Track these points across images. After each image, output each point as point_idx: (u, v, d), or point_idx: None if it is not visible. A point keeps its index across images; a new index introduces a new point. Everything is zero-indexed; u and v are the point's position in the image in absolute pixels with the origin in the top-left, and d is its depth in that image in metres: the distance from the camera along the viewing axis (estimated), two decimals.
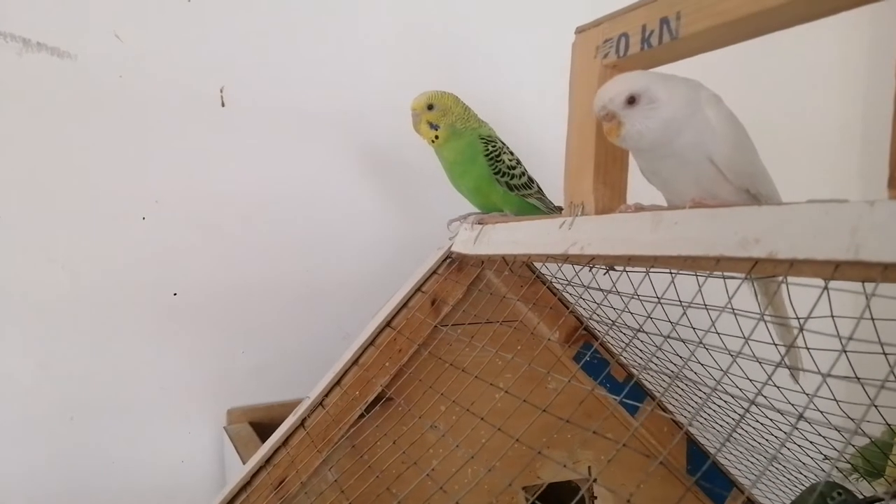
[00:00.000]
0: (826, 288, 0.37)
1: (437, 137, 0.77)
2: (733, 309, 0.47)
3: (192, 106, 0.93)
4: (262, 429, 0.93)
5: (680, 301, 0.51)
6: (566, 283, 0.73)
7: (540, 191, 0.80)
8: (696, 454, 0.93)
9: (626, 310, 0.54)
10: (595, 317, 0.79)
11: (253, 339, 0.98)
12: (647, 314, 0.51)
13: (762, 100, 1.14)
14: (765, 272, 0.41)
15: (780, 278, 0.45)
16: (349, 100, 1.00)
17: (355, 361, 0.71)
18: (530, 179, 0.79)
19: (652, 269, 0.49)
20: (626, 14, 0.56)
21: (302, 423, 0.69)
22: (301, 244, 1.01)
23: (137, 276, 0.91)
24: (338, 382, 0.70)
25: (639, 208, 0.54)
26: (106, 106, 0.89)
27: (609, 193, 0.59)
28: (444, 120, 0.77)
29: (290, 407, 0.99)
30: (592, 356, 0.84)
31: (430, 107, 0.77)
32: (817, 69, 1.30)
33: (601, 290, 0.58)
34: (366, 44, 1.01)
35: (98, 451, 0.91)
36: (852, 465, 0.79)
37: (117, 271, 0.91)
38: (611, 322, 0.61)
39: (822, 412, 0.52)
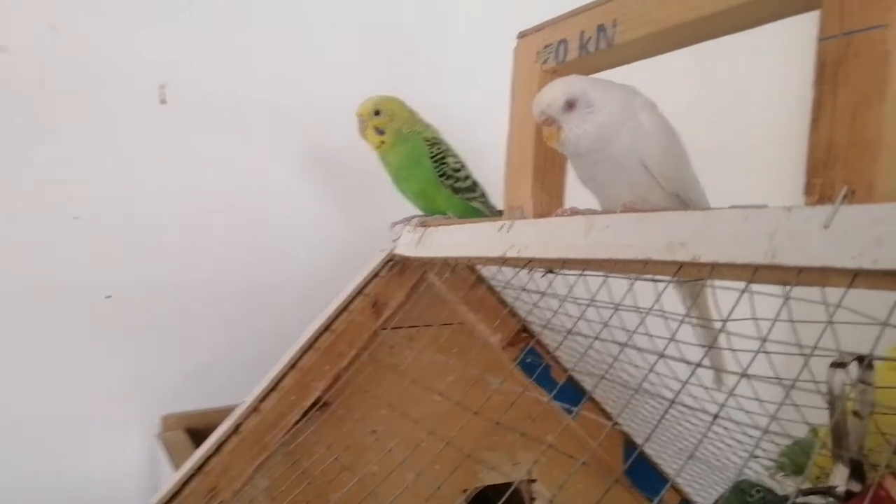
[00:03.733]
0: (745, 290, 0.39)
1: (383, 143, 0.77)
2: (663, 311, 0.48)
3: (130, 102, 0.91)
4: (199, 435, 0.90)
5: (612, 302, 0.52)
6: (504, 285, 0.73)
7: (484, 194, 0.80)
8: (633, 453, 0.95)
9: (563, 312, 0.55)
10: (533, 318, 0.80)
11: (190, 342, 0.96)
12: (578, 316, 0.52)
13: (696, 107, 1.18)
14: (689, 275, 0.42)
15: (704, 281, 0.46)
16: (294, 100, 0.98)
17: (293, 365, 0.70)
18: (474, 183, 0.79)
19: (585, 272, 0.50)
20: (566, 20, 0.57)
21: (236, 428, 0.67)
22: (241, 244, 0.98)
23: (67, 278, 0.88)
24: (275, 387, 0.69)
25: (574, 212, 0.54)
26: (37, 101, 0.85)
27: (547, 198, 0.60)
28: (391, 125, 0.76)
29: (225, 412, 0.97)
30: (533, 359, 0.85)
31: (377, 112, 0.76)
32: (750, 77, 1.34)
33: (539, 292, 0.59)
34: (314, 44, 1.00)
35: (22, 462, 0.87)
36: (778, 463, 0.81)
37: (45, 273, 0.87)
38: (545, 323, 0.62)
39: (746, 411, 0.54)
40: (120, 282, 0.91)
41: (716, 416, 0.36)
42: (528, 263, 0.56)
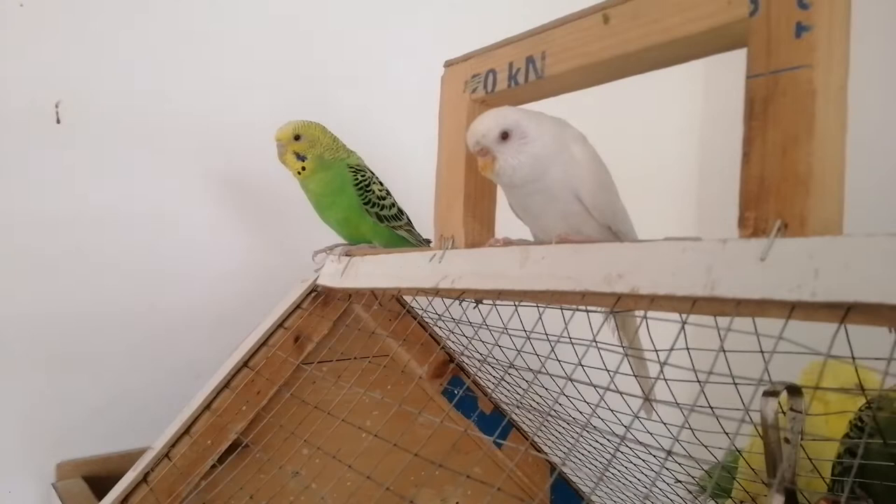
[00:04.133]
0: (684, 323, 0.39)
1: (304, 169, 0.74)
2: (596, 343, 0.47)
3: (23, 121, 0.83)
4: (99, 483, 0.82)
5: (547, 336, 0.51)
6: (437, 317, 0.71)
7: (409, 223, 0.79)
8: (561, 487, 0.95)
9: (497, 344, 0.54)
10: (465, 351, 0.79)
11: (87, 381, 0.88)
12: (517, 349, 0.51)
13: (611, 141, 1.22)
14: (627, 307, 0.42)
15: (640, 313, 0.47)
16: (204, 122, 0.93)
17: (207, 406, 0.65)
18: (400, 211, 0.78)
19: (521, 304, 0.49)
20: (494, 51, 0.57)
21: (144, 477, 0.62)
22: (145, 272, 0.91)
23: None
24: (186, 431, 0.64)
25: (507, 242, 0.54)
26: None
27: (478, 227, 0.59)
28: (312, 151, 0.73)
29: (130, 457, 0.88)
30: (461, 390, 0.83)
31: (297, 137, 0.73)
32: (662, 114, 1.41)
33: (472, 324, 0.58)
34: (227, 63, 0.96)
35: None
36: (701, 486, 0.83)
37: None
38: (484, 356, 0.60)
39: (677, 439, 0.54)
40: (9, 314, 0.82)
41: (622, 440, 0.36)
42: (462, 294, 0.55)
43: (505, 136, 0.52)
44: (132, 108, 0.89)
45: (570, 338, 0.48)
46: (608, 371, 0.43)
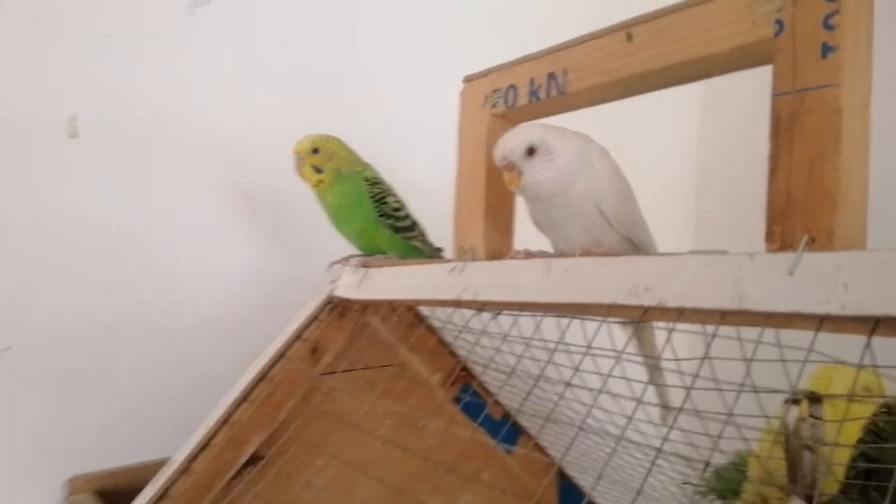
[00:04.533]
0: (714, 335, 0.39)
1: (321, 182, 0.74)
2: (589, 348, 0.48)
3: (38, 136, 0.83)
4: (110, 498, 0.82)
5: (545, 343, 0.52)
6: (444, 324, 0.72)
7: (423, 233, 0.79)
8: (568, 490, 0.96)
9: (500, 350, 0.55)
10: (474, 358, 0.79)
11: (100, 393, 0.88)
12: (520, 356, 0.51)
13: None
14: (654, 319, 0.43)
15: (658, 324, 0.48)
16: (222, 133, 0.94)
17: (226, 420, 0.65)
18: (414, 222, 0.78)
19: (546, 315, 0.50)
20: (514, 67, 0.58)
21: (165, 492, 0.62)
22: (159, 285, 0.92)
23: None
24: (206, 444, 0.64)
25: (528, 254, 0.54)
26: None
27: (498, 238, 0.60)
28: (330, 164, 0.74)
29: (142, 470, 0.89)
30: (471, 397, 0.84)
31: (315, 150, 0.74)
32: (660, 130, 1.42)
33: (479, 332, 0.58)
34: (247, 76, 0.96)
35: None
36: (708, 487, 0.84)
37: None
38: (486, 363, 0.61)
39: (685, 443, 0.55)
40: (21, 326, 0.82)
41: (619, 440, 0.36)
42: (483, 306, 0.56)
43: (531, 151, 0.53)
44: (147, 121, 0.89)
45: (587, 348, 0.49)
46: (626, 380, 0.44)
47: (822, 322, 0.35)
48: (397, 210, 0.77)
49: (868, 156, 0.38)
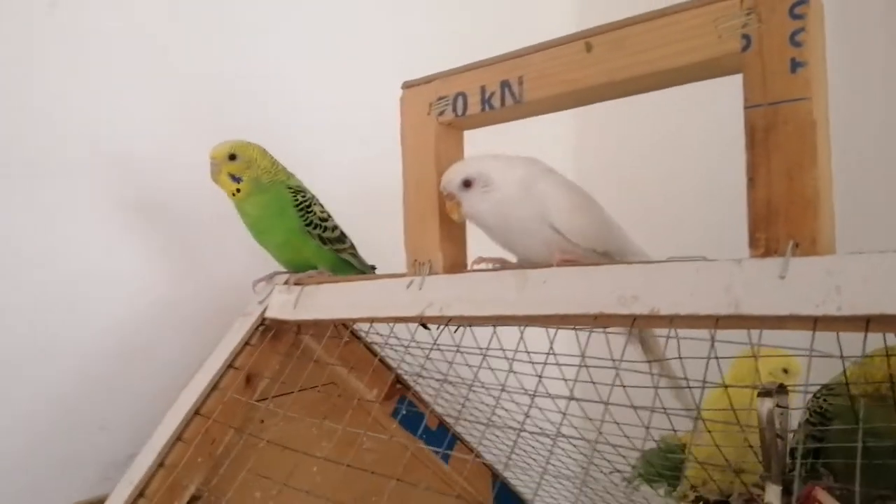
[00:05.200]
0: (713, 341, 0.41)
1: (238, 191, 0.69)
2: (526, 351, 0.50)
3: None
4: None
5: (480, 348, 0.53)
6: (386, 338, 0.70)
7: (353, 247, 0.76)
8: (503, 491, 0.97)
9: (430, 358, 0.55)
10: (406, 369, 0.78)
11: None
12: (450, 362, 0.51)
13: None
14: (645, 327, 0.44)
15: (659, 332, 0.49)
16: (112, 146, 0.83)
17: (161, 463, 0.59)
18: (343, 234, 0.75)
19: (528, 326, 0.49)
20: (460, 74, 0.56)
21: None
22: (39, 313, 0.80)
23: None
24: (141, 493, 0.57)
25: (499, 263, 0.54)
26: None
27: (455, 250, 0.58)
28: (248, 173, 0.69)
29: None
30: (408, 408, 0.82)
31: (233, 157, 0.68)
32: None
33: (432, 345, 0.57)
34: (141, 81, 0.86)
35: None
36: (636, 471, 0.88)
37: None
38: (418, 372, 0.61)
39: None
40: None
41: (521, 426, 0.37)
42: (450, 321, 0.54)
43: (467, 184, 0.55)
44: (19, 131, 0.78)
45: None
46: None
47: (817, 322, 0.37)
48: (324, 220, 0.73)
49: (831, 164, 0.41)
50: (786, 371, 0.71)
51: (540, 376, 0.49)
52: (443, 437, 0.86)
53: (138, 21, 0.86)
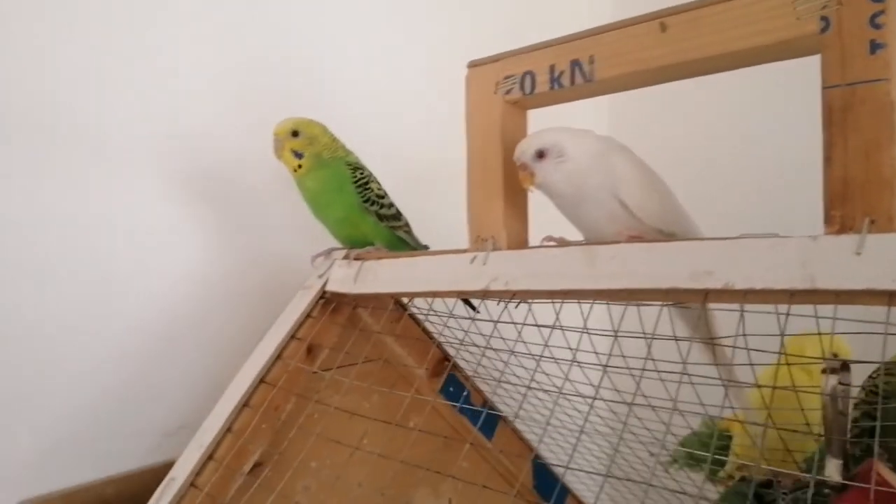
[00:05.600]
0: (787, 314, 0.42)
1: (300, 167, 0.71)
2: (562, 327, 0.51)
3: None
4: None
5: (513, 322, 0.55)
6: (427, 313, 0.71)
7: (408, 224, 0.78)
8: (540, 468, 0.98)
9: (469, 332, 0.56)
10: (453, 344, 0.79)
11: (38, 410, 0.78)
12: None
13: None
14: (718, 301, 0.45)
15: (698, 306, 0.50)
16: (162, 117, 0.85)
17: (229, 428, 0.61)
18: (399, 212, 0.76)
19: (595, 302, 0.51)
20: (528, 53, 0.57)
21: None
22: (97, 288, 0.83)
23: None
24: (211, 456, 0.59)
25: (562, 242, 0.55)
26: None
27: (518, 227, 0.60)
28: (310, 149, 0.71)
29: (93, 490, 0.81)
30: (455, 386, 0.84)
31: (295, 133, 0.71)
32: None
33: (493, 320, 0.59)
34: (196, 57, 0.88)
35: None
36: (674, 455, 0.89)
37: None
38: (459, 343, 0.62)
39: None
40: None
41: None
42: (513, 296, 0.55)
43: (541, 154, 0.57)
44: (77, 106, 0.80)
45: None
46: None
47: (892, 297, 0.38)
48: (381, 197, 0.74)
49: None
50: (835, 356, 0.72)
51: (605, 354, 0.50)
52: (487, 417, 0.88)
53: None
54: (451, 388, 0.84)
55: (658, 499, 0.89)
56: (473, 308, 0.73)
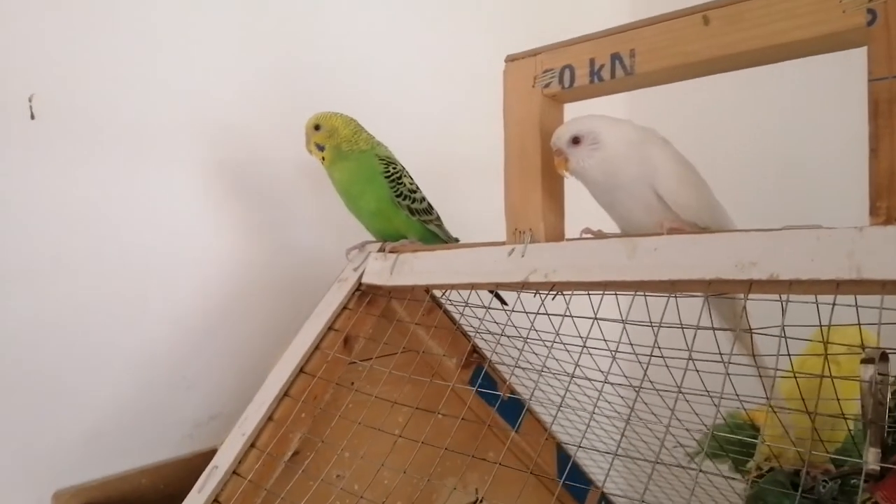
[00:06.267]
0: (833, 304, 0.42)
1: (323, 159, 0.75)
2: (571, 317, 0.51)
3: None
4: None
5: (544, 312, 0.56)
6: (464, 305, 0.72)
7: (439, 218, 0.79)
8: (565, 460, 0.99)
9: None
10: (485, 335, 0.80)
11: (77, 399, 0.80)
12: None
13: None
14: (762, 291, 0.46)
15: (740, 296, 0.50)
16: (196, 112, 0.87)
17: (270, 417, 0.62)
18: (430, 205, 0.77)
19: (637, 294, 0.51)
20: (567, 47, 0.58)
21: (215, 499, 0.58)
22: (132, 279, 0.84)
23: None
24: (253, 444, 0.60)
25: (601, 235, 0.56)
26: None
27: (555, 220, 0.60)
28: (330, 141, 0.74)
29: (129, 479, 0.83)
30: (484, 377, 0.85)
31: (317, 127, 0.74)
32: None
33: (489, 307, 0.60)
34: (228, 52, 0.89)
35: None
36: (700, 446, 0.89)
37: None
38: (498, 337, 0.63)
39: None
40: None
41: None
42: (553, 287, 0.56)
43: (576, 140, 0.57)
44: (113, 102, 0.81)
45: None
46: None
47: None
48: (413, 192, 0.75)
49: None
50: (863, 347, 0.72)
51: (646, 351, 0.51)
52: (514, 407, 0.89)
53: None
54: (481, 381, 0.85)
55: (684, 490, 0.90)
56: (503, 301, 0.73)
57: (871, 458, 0.49)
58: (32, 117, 0.77)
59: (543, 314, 0.56)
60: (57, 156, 0.78)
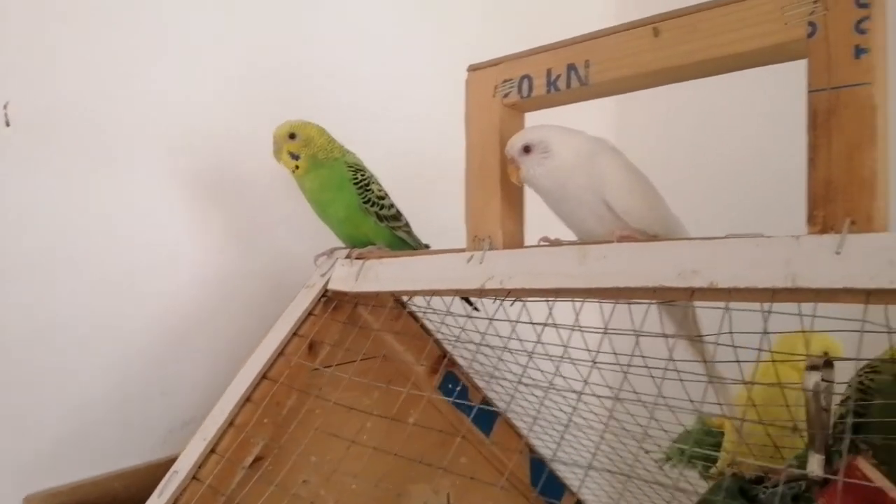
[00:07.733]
0: (769, 312, 0.43)
1: (297, 168, 0.74)
2: (554, 323, 0.52)
3: None
4: None
5: (509, 319, 0.56)
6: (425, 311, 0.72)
7: (408, 224, 0.79)
8: (538, 466, 1.00)
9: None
10: (451, 340, 0.81)
11: (47, 405, 0.80)
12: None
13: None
14: (703, 299, 0.47)
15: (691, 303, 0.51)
16: (171, 118, 0.87)
17: (231, 422, 0.63)
18: (399, 212, 0.78)
19: (586, 301, 0.52)
20: (526, 57, 0.59)
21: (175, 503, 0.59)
22: (106, 285, 0.85)
23: None
24: (213, 450, 0.61)
25: (557, 242, 0.56)
26: None
27: (514, 227, 0.61)
28: (306, 150, 0.73)
29: (101, 485, 0.83)
30: (454, 384, 0.85)
31: (292, 136, 0.73)
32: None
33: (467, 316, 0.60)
34: (201, 58, 0.90)
35: None
36: (668, 453, 0.90)
37: None
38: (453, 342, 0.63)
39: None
40: None
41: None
42: (508, 294, 0.57)
43: (527, 149, 0.58)
44: (89, 107, 0.82)
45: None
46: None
47: (870, 296, 0.39)
48: (381, 198, 0.76)
49: (888, 147, 0.43)
50: (826, 354, 0.73)
51: (592, 351, 0.52)
52: (484, 413, 0.89)
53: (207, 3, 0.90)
54: (450, 385, 0.85)
55: (656, 497, 0.90)
56: (473, 306, 0.74)
57: (815, 466, 0.50)
58: (7, 124, 0.77)
59: (501, 320, 0.57)
60: (31, 163, 0.79)
